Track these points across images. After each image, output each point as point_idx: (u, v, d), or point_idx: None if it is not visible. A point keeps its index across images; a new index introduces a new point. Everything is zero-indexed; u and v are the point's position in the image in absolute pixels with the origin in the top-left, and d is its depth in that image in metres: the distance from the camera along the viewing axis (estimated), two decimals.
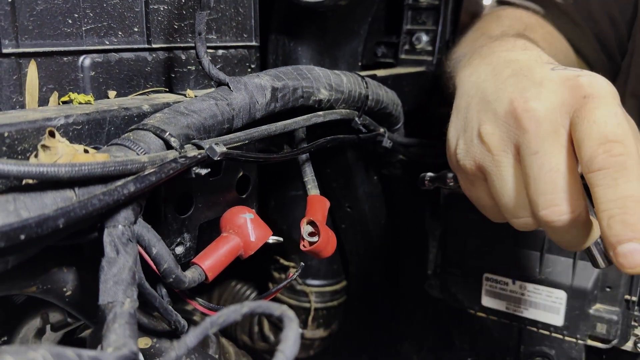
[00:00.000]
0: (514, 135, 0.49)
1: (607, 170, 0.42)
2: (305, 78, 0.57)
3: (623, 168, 0.42)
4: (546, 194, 0.46)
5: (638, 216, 0.40)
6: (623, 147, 0.42)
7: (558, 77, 0.48)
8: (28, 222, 0.31)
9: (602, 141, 0.43)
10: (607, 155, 0.42)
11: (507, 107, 0.49)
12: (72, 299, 0.44)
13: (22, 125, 0.40)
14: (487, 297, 0.80)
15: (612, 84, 0.47)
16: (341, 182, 0.87)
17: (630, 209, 0.40)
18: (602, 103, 0.44)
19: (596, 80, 0.47)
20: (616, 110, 0.44)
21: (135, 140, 0.42)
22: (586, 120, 0.44)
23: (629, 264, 0.40)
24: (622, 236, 0.40)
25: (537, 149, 0.46)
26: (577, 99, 0.46)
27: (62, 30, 0.48)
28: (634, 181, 0.41)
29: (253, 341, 1.04)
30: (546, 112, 0.46)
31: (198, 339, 0.28)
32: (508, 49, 0.60)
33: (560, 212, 0.45)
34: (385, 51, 1.02)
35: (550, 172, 0.45)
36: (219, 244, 0.50)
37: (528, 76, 0.50)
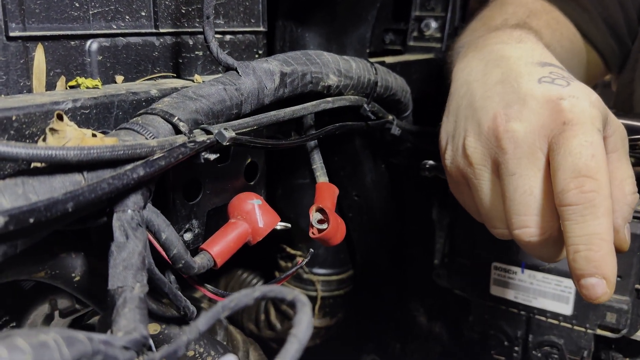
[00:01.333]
0: (494, 153, 0.50)
1: (577, 206, 0.44)
2: (314, 63, 0.56)
3: (592, 205, 0.43)
4: (519, 215, 0.48)
5: (601, 253, 0.43)
6: (594, 182, 0.44)
7: (542, 95, 0.48)
8: (37, 206, 0.31)
9: (574, 175, 0.44)
10: (578, 192, 0.44)
11: (490, 124, 0.50)
12: (81, 285, 0.43)
13: (30, 109, 0.39)
14: (496, 286, 0.80)
15: (595, 106, 0.48)
16: (349, 170, 0.87)
17: (594, 246, 0.43)
18: (579, 131, 0.45)
19: (578, 104, 0.47)
20: (592, 140, 0.45)
21: (143, 124, 0.41)
22: (562, 149, 0.45)
23: (590, 295, 0.44)
24: (585, 271, 0.44)
25: (514, 170, 0.48)
26: (556, 123, 0.47)
27: (69, 14, 0.47)
28: (601, 218, 0.43)
29: (259, 329, 1.04)
30: (525, 135, 0.48)
31: (210, 323, 0.28)
32: (503, 41, 0.59)
33: (531, 233, 0.47)
34: (394, 38, 1.02)
35: (524, 195, 0.47)
36: (227, 230, 0.50)
37: (514, 87, 0.50)
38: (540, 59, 0.54)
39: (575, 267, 0.45)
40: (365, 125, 0.67)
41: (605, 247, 0.43)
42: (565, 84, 0.49)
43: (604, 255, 0.43)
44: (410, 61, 0.87)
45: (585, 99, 0.47)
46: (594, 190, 0.44)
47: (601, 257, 0.43)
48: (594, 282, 0.44)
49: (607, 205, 0.44)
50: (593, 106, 0.47)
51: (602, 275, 0.43)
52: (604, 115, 0.48)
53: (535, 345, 0.78)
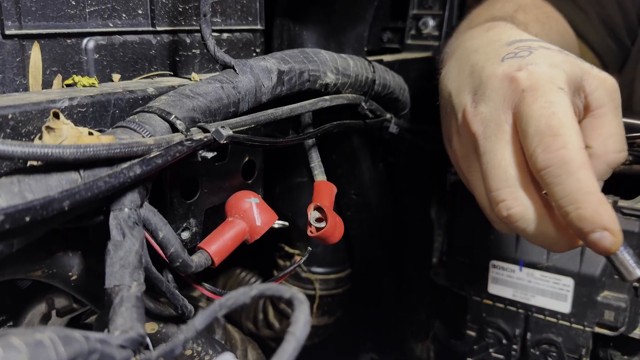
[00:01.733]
0: (470, 141, 0.50)
1: (549, 169, 0.43)
2: (312, 61, 0.56)
3: (564, 163, 0.42)
4: (493, 190, 0.47)
5: (592, 207, 0.42)
6: (560, 139, 0.43)
7: (502, 71, 0.48)
8: (33, 204, 0.31)
9: (539, 137, 0.43)
10: (546, 153, 0.43)
11: (462, 116, 0.51)
12: (78, 284, 0.43)
13: (26, 107, 0.39)
14: (494, 284, 0.80)
15: (557, 66, 0.47)
16: (346, 168, 0.86)
17: (581, 203, 0.42)
18: (538, 95, 0.45)
19: (535, 69, 0.47)
20: (552, 99, 0.44)
21: (140, 122, 0.41)
22: (524, 116, 0.45)
23: (600, 250, 0.43)
24: (584, 229, 0.42)
25: (484, 148, 0.48)
26: (516, 93, 0.47)
27: (65, 12, 0.47)
28: (578, 172, 0.42)
29: (258, 328, 1.04)
30: (490, 113, 0.48)
31: (207, 321, 0.28)
32: (473, 36, 0.60)
33: (507, 206, 0.46)
34: (391, 36, 1.01)
35: (494, 169, 0.47)
36: (224, 228, 0.50)
37: (480, 73, 0.50)
38: (507, 39, 0.53)
39: (573, 229, 0.43)
40: (363, 123, 0.67)
41: (592, 201, 0.42)
42: (527, 54, 0.49)
43: (595, 208, 0.42)
44: (408, 59, 0.87)
45: (544, 63, 0.47)
46: (561, 147, 0.42)
47: (593, 211, 0.42)
48: (598, 236, 0.42)
49: (580, 157, 0.42)
50: (552, 67, 0.47)
51: (601, 227, 0.42)
52: (572, 74, 0.47)
53: (533, 343, 0.78)
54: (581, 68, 0.49)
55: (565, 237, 0.46)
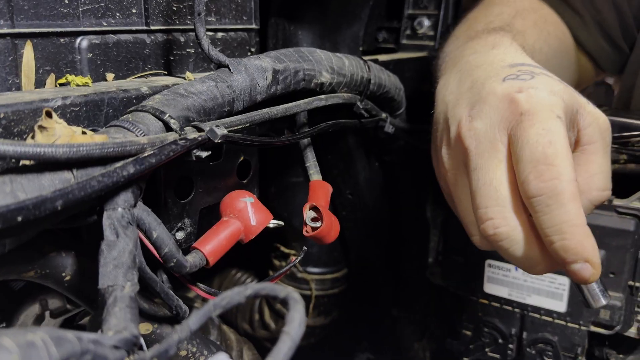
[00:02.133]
0: (461, 155, 0.50)
1: (540, 197, 0.43)
2: (307, 60, 0.56)
3: (555, 194, 0.43)
4: (482, 207, 0.47)
5: (576, 239, 0.43)
6: (554, 170, 0.43)
7: (502, 91, 0.48)
8: (25, 204, 0.31)
9: (533, 164, 0.44)
10: (539, 181, 0.43)
11: (456, 129, 0.51)
12: (72, 284, 0.43)
13: (19, 106, 0.39)
14: (490, 283, 0.80)
15: (556, 94, 0.47)
16: (342, 168, 0.86)
17: (567, 234, 0.43)
18: (536, 120, 0.45)
19: (535, 94, 0.47)
20: (549, 127, 0.45)
21: (134, 121, 0.41)
22: (520, 140, 0.45)
23: (579, 280, 0.44)
24: (566, 259, 0.43)
25: (476, 165, 0.48)
26: (514, 115, 0.47)
27: (58, 11, 0.47)
28: (568, 204, 0.43)
29: (253, 329, 1.04)
30: (486, 130, 0.48)
31: (201, 321, 0.28)
32: (476, 50, 0.60)
33: (494, 225, 0.46)
34: (387, 36, 1.01)
35: (485, 186, 0.47)
36: (219, 228, 0.50)
37: (480, 90, 0.51)
38: (511, 60, 0.54)
39: (555, 258, 0.44)
40: (359, 123, 0.66)
41: (578, 233, 0.43)
42: (529, 77, 0.49)
43: (580, 240, 0.43)
44: (404, 59, 0.87)
45: (544, 89, 0.47)
46: (554, 177, 0.43)
47: (577, 243, 0.43)
48: (578, 267, 0.43)
49: (572, 189, 0.43)
50: (552, 94, 0.47)
51: (583, 259, 0.43)
52: (570, 105, 0.48)
53: (529, 342, 0.78)
54: (578, 101, 0.49)
55: (545, 260, 0.47)
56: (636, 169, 0.72)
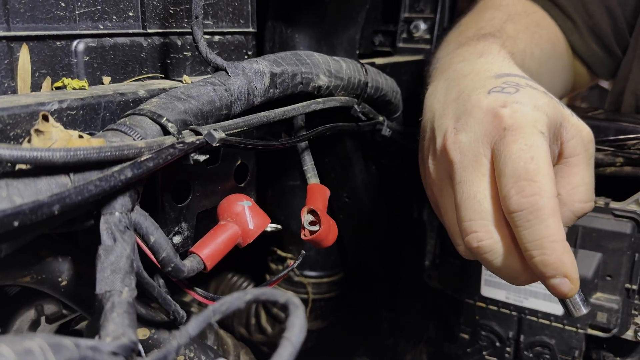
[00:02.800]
0: (446, 167, 0.51)
1: (521, 212, 0.44)
2: (305, 64, 0.56)
3: (536, 209, 0.44)
4: (465, 220, 0.48)
5: (555, 255, 0.44)
6: (535, 185, 0.44)
7: (487, 104, 0.49)
8: (22, 209, 0.30)
9: (514, 180, 0.44)
10: (520, 197, 0.44)
11: (441, 141, 0.51)
12: (68, 289, 0.42)
13: (15, 109, 0.38)
14: (487, 286, 0.80)
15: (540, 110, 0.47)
16: (339, 171, 0.86)
17: (547, 250, 0.44)
18: (519, 136, 0.46)
19: (519, 109, 0.47)
20: (532, 142, 0.45)
21: (131, 125, 0.41)
22: (502, 155, 0.46)
23: (557, 294, 0.45)
24: (545, 274, 0.45)
25: (460, 178, 0.48)
26: (498, 130, 0.47)
27: (54, 14, 0.46)
28: (547, 220, 0.44)
29: (250, 333, 1.03)
30: (470, 144, 0.48)
31: (200, 327, 0.27)
32: (465, 58, 0.60)
33: (478, 238, 0.47)
34: (383, 40, 1.01)
35: (469, 200, 0.47)
36: (216, 232, 0.49)
37: (465, 101, 0.51)
38: (497, 71, 0.54)
39: (535, 272, 0.45)
40: (356, 126, 0.66)
41: (557, 248, 0.44)
42: (513, 91, 0.49)
43: (559, 256, 0.44)
44: (400, 62, 0.87)
45: (529, 104, 0.48)
46: (535, 193, 0.44)
47: (556, 258, 0.44)
48: (557, 282, 0.44)
49: (552, 205, 0.44)
50: (536, 110, 0.47)
51: (562, 274, 0.44)
52: (554, 119, 0.48)
53: (527, 345, 0.78)
54: (562, 114, 0.50)
55: (527, 273, 0.48)
56: (632, 171, 0.72)
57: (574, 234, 0.73)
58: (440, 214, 0.55)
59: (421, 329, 1.02)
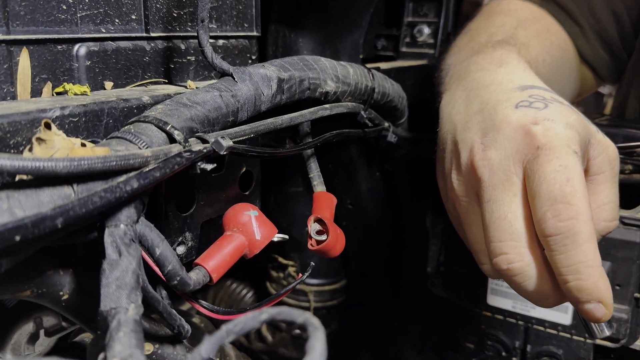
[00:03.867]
0: (473, 184, 0.49)
1: (557, 236, 0.43)
2: (312, 69, 0.54)
3: (572, 234, 0.43)
4: (495, 241, 0.46)
5: (591, 280, 0.43)
6: (572, 209, 0.43)
7: (516, 120, 0.47)
8: (23, 222, 0.29)
9: (550, 202, 0.43)
10: (556, 221, 0.43)
11: (468, 155, 0.50)
12: (70, 304, 0.41)
13: (15, 116, 0.37)
14: (493, 295, 0.78)
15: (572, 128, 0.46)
16: (343, 178, 0.85)
17: (583, 275, 0.43)
18: (553, 156, 0.44)
19: (552, 127, 0.46)
20: (567, 163, 0.44)
21: (136, 133, 0.39)
22: (537, 176, 0.44)
23: (591, 319, 0.45)
24: (580, 299, 0.44)
25: (489, 197, 0.47)
26: (530, 148, 0.46)
27: (55, 17, 0.45)
28: (584, 245, 0.43)
29: (250, 341, 1.02)
30: (500, 162, 0.47)
31: (214, 349, 0.26)
32: (483, 67, 0.58)
33: (508, 260, 0.46)
34: (386, 44, 1.00)
35: (499, 220, 0.46)
36: (222, 243, 0.48)
37: (492, 115, 0.50)
38: (520, 82, 0.53)
39: (569, 297, 0.45)
40: (362, 132, 0.65)
41: (593, 274, 0.43)
42: (542, 106, 0.48)
43: (595, 281, 0.43)
44: (405, 67, 0.86)
45: (561, 121, 0.46)
46: (572, 217, 0.43)
47: (592, 284, 0.43)
48: (592, 307, 0.44)
49: (588, 230, 0.43)
50: (569, 128, 0.46)
51: (597, 300, 0.43)
52: (584, 136, 0.47)
53: (533, 355, 0.77)
54: (590, 131, 0.49)
55: (556, 295, 0.47)
56: None
57: None
58: (462, 231, 0.53)
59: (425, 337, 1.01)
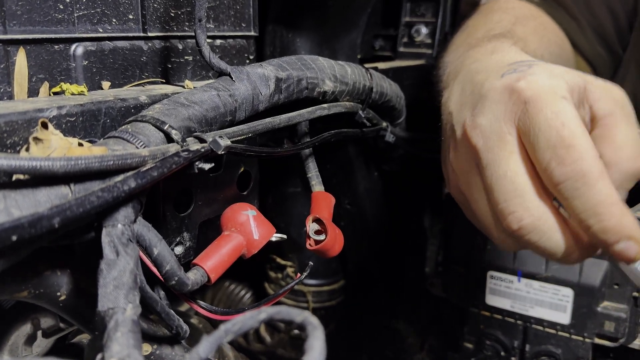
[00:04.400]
0: (471, 155, 0.48)
1: (567, 182, 0.41)
2: (310, 68, 0.54)
3: (581, 175, 0.41)
4: (500, 202, 0.45)
5: (615, 219, 0.40)
6: (574, 151, 0.41)
7: (501, 84, 0.47)
8: (20, 222, 0.28)
9: (551, 150, 0.42)
10: (562, 167, 0.41)
11: (461, 131, 0.49)
12: (67, 304, 0.41)
13: (12, 116, 0.37)
14: (492, 295, 0.78)
15: (557, 75, 0.45)
16: (341, 178, 0.85)
17: (604, 215, 0.40)
18: (542, 105, 0.43)
19: (535, 79, 0.45)
20: (557, 109, 0.43)
21: (134, 132, 0.39)
22: (531, 129, 0.43)
23: (626, 259, 0.41)
24: (608, 241, 0.41)
25: (487, 161, 0.46)
26: (518, 105, 0.45)
27: (52, 16, 0.45)
28: (597, 184, 0.41)
29: (248, 342, 1.02)
30: (491, 125, 0.46)
31: (212, 349, 0.26)
32: (477, 59, 0.58)
33: (517, 218, 0.44)
34: (383, 44, 1.00)
35: (500, 179, 0.45)
36: (220, 243, 0.48)
37: (480, 90, 0.49)
38: (510, 60, 0.52)
39: (596, 242, 0.42)
40: (360, 132, 0.65)
41: (616, 211, 0.40)
42: (526, 68, 0.47)
43: (619, 219, 0.40)
44: (402, 67, 0.85)
45: (544, 73, 0.45)
46: (576, 159, 0.41)
47: (616, 222, 0.40)
48: (623, 246, 0.40)
49: (597, 167, 0.41)
50: (554, 77, 0.45)
51: (626, 237, 0.40)
52: (575, 83, 0.46)
53: (532, 355, 0.77)
54: (584, 78, 0.47)
55: (580, 247, 0.45)
56: None
57: None
58: (470, 210, 0.52)
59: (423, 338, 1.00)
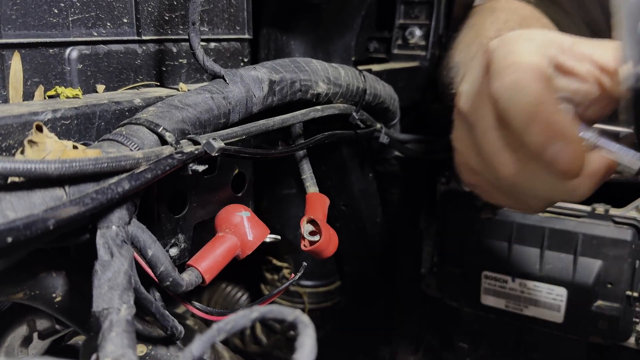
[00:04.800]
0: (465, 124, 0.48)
1: (501, 92, 0.42)
2: (303, 71, 0.55)
3: (514, 83, 0.41)
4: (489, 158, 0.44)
5: (542, 116, 0.40)
6: (513, 65, 0.42)
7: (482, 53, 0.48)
8: (15, 224, 0.29)
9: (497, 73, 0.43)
10: (499, 80, 0.42)
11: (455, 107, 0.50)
12: (63, 305, 0.41)
13: (7, 120, 0.37)
14: (486, 295, 0.79)
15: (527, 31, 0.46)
16: (336, 179, 0.85)
17: (536, 119, 0.40)
18: (504, 45, 0.44)
19: (505, 36, 0.46)
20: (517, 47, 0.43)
21: (128, 135, 0.39)
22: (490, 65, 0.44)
23: (559, 166, 0.39)
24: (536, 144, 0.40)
25: (472, 122, 0.46)
26: (486, 58, 0.46)
27: (47, 20, 0.45)
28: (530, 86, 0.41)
29: (245, 344, 1.02)
30: (472, 86, 0.47)
31: (205, 347, 0.26)
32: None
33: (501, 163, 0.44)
34: (378, 46, 1.01)
35: (485, 133, 0.44)
36: (215, 244, 0.48)
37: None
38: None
39: (530, 147, 0.40)
40: (354, 133, 0.65)
41: (543, 110, 0.39)
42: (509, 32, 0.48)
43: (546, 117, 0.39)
44: (396, 69, 0.86)
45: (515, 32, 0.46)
46: (514, 70, 0.42)
47: (545, 120, 0.39)
48: (554, 150, 0.39)
49: (533, 73, 0.41)
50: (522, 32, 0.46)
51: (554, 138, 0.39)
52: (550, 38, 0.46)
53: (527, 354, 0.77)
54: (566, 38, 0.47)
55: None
56: (633, 178, 0.72)
57: (574, 242, 0.72)
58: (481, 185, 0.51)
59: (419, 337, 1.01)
